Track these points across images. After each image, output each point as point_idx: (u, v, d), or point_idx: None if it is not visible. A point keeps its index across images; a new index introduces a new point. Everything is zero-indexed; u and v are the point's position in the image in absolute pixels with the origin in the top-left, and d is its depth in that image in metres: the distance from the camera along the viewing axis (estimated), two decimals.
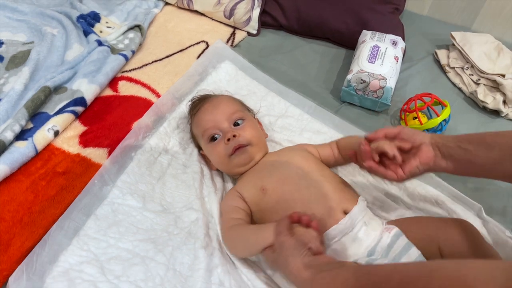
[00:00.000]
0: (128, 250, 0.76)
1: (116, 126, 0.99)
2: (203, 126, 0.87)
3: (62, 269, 0.72)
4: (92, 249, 0.75)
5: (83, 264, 0.73)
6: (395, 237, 0.71)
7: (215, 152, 0.85)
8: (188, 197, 0.85)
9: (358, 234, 0.73)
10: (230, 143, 0.83)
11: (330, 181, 0.79)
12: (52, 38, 1.19)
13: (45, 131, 0.93)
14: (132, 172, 0.87)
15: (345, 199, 0.76)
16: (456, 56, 1.28)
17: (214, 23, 1.36)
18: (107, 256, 0.75)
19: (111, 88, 1.10)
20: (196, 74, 1.12)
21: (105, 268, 0.73)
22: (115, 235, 0.78)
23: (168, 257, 0.76)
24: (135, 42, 1.21)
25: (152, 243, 0.77)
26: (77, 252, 0.74)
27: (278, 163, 0.83)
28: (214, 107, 0.89)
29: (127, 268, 0.73)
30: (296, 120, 1.06)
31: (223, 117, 0.86)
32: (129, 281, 0.72)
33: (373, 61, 1.12)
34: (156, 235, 0.79)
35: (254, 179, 0.82)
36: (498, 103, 1.13)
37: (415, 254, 0.69)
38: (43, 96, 0.99)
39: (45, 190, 0.85)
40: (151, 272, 0.73)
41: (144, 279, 0.72)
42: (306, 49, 1.33)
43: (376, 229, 0.74)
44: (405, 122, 1.06)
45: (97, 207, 0.81)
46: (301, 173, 0.80)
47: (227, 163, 0.84)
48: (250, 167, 0.85)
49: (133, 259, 0.75)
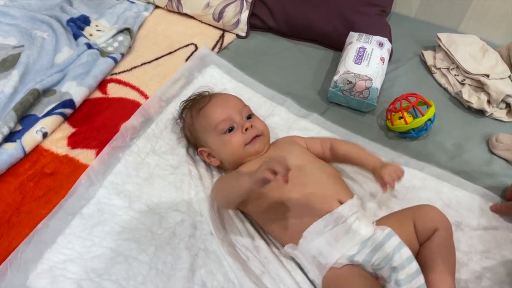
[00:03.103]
0: (111, 249, 0.77)
1: (104, 127, 1.00)
2: (216, 118, 0.88)
3: (46, 267, 0.73)
4: (76, 248, 0.76)
5: (66, 262, 0.74)
6: (388, 236, 0.73)
7: (231, 142, 0.86)
8: (175, 199, 0.86)
9: (352, 226, 0.75)
10: (249, 132, 0.87)
11: (327, 173, 0.84)
12: (42, 42, 1.20)
13: (33, 133, 0.94)
14: (119, 173, 0.88)
15: (341, 191, 0.81)
16: (442, 57, 1.29)
17: (203, 26, 1.37)
18: (91, 255, 0.76)
19: (100, 90, 1.11)
20: (182, 78, 1.13)
21: (88, 267, 0.74)
22: (100, 234, 0.79)
23: (151, 256, 0.77)
24: (125, 45, 1.22)
25: (136, 242, 0.78)
26: (61, 250, 0.75)
27: (280, 154, 0.84)
28: (225, 101, 0.92)
29: (110, 266, 0.74)
30: (282, 119, 1.08)
31: (236, 110, 0.89)
32: (111, 280, 0.73)
33: (359, 62, 1.14)
34: (140, 235, 0.80)
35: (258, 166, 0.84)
36: (483, 103, 1.15)
37: (407, 253, 0.70)
38: (32, 99, 1.00)
39: (33, 191, 0.86)
40: (134, 271, 0.74)
41: (126, 277, 0.73)
42: (294, 51, 1.34)
43: (369, 226, 0.76)
44: (391, 122, 1.08)
45: (83, 206, 0.82)
46: (300, 163, 0.83)
47: (241, 152, 0.87)
48: (258, 157, 0.88)
49: (116, 258, 0.76)
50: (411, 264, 0.69)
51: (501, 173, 1.02)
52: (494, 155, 1.06)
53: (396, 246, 0.71)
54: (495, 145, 1.06)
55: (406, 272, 0.69)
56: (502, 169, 1.03)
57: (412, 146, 1.07)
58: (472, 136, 1.11)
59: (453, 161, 1.04)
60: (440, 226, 0.76)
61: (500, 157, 1.05)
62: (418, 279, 0.70)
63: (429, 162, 1.00)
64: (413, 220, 0.77)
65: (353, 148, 0.92)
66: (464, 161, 1.04)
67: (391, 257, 0.70)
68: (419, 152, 1.05)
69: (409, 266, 0.69)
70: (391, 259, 0.70)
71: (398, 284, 0.70)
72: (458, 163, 1.03)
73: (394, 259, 0.69)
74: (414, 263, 0.70)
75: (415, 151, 1.05)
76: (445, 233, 0.76)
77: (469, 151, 1.07)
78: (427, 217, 0.77)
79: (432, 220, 0.76)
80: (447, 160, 1.04)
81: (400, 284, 0.70)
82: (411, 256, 0.70)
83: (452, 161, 1.04)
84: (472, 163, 1.04)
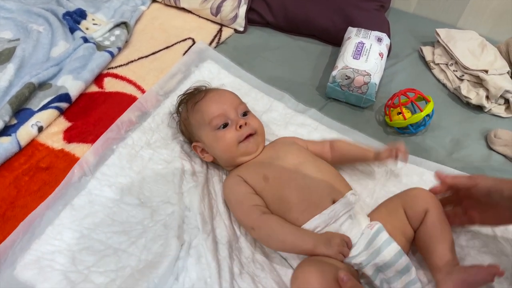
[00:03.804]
0: (101, 242, 0.76)
1: (100, 122, 0.99)
2: (211, 113, 0.86)
3: (34, 257, 0.72)
4: (65, 239, 0.75)
5: (55, 253, 0.73)
6: (376, 233, 0.72)
7: (225, 138, 0.85)
8: (166, 192, 0.85)
9: (341, 227, 0.74)
10: (243, 130, 0.85)
11: (324, 172, 0.82)
12: (38, 35, 1.19)
13: (28, 127, 0.93)
14: (112, 165, 0.87)
15: (336, 190, 0.79)
16: (440, 52, 1.29)
17: (201, 20, 1.36)
18: (80, 247, 0.75)
19: (97, 84, 1.10)
20: (179, 73, 1.12)
21: (76, 259, 0.73)
22: (90, 226, 0.78)
23: (141, 248, 0.76)
24: (121, 39, 1.21)
25: (126, 235, 0.77)
26: (50, 241, 0.75)
27: (276, 156, 0.85)
28: (221, 96, 0.91)
29: (99, 259, 0.74)
30: (280, 114, 1.07)
31: (231, 107, 0.88)
32: (99, 272, 0.72)
33: (358, 57, 1.13)
34: (131, 228, 0.79)
35: (255, 168, 0.84)
36: (481, 99, 1.14)
37: (395, 249, 0.69)
38: (27, 92, 1.00)
39: (28, 185, 0.86)
40: (123, 263, 0.73)
41: (115, 269, 0.72)
42: (292, 46, 1.33)
43: (361, 224, 0.75)
44: (390, 118, 1.07)
45: (74, 197, 0.81)
46: (297, 164, 0.82)
47: (234, 150, 0.85)
48: (252, 157, 0.86)
49: (106, 251, 0.75)
50: (400, 260, 0.69)
51: (499, 169, 1.01)
52: (492, 151, 1.06)
53: (383, 242, 0.70)
54: (493, 141, 1.06)
55: (395, 269, 0.69)
56: (500, 164, 1.03)
57: (411, 141, 1.06)
58: (471, 132, 1.11)
59: (451, 157, 1.03)
60: (429, 207, 0.75)
61: (499, 153, 1.05)
62: (408, 275, 0.69)
63: (427, 158, 1.00)
64: (403, 208, 0.77)
65: (353, 144, 0.92)
66: (462, 156, 1.04)
67: (378, 253, 0.69)
68: (417, 147, 1.05)
69: (398, 263, 0.69)
70: (378, 254, 0.69)
71: (388, 282, 0.70)
72: (456, 159, 1.03)
73: (382, 254, 0.69)
74: (403, 258, 0.69)
75: (414, 146, 1.04)
76: (436, 212, 0.75)
77: (467, 147, 1.06)
78: (416, 201, 0.76)
79: (421, 203, 0.76)
80: (445, 156, 1.03)
81: (389, 281, 0.69)
82: (400, 251, 0.69)
83: (450, 156, 1.03)
84: (471, 159, 1.03)
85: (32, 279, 0.70)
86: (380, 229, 0.72)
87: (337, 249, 0.70)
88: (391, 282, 0.69)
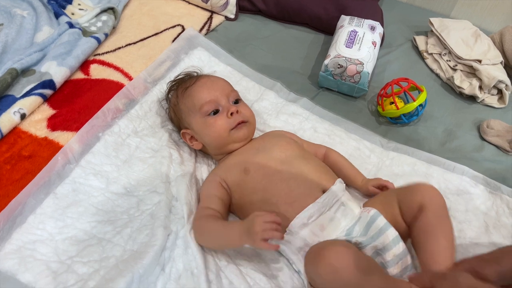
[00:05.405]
0: (85, 231, 0.74)
1: (86, 109, 0.96)
2: (202, 99, 0.85)
3: (15, 247, 0.70)
4: (47, 228, 0.73)
5: (36, 242, 0.71)
6: (373, 217, 0.72)
7: (215, 125, 0.83)
8: (153, 181, 0.83)
9: (336, 214, 0.74)
10: (234, 117, 0.84)
11: (311, 163, 0.82)
12: (22, 20, 1.15)
13: (11, 114, 0.90)
14: (98, 153, 0.85)
15: (325, 180, 0.79)
16: (434, 42, 1.28)
17: (190, 6, 1.33)
18: (63, 236, 0.73)
19: (83, 71, 1.06)
20: (168, 60, 1.09)
21: (59, 248, 0.71)
22: (73, 215, 0.76)
23: (126, 239, 0.74)
24: (108, 25, 1.17)
25: (111, 225, 0.76)
26: (31, 231, 0.72)
27: (263, 147, 0.84)
28: (212, 82, 0.89)
29: (82, 249, 0.72)
30: (271, 103, 1.05)
31: (223, 93, 0.86)
32: (82, 262, 0.70)
33: (351, 46, 1.11)
34: (116, 217, 0.77)
35: (238, 161, 0.83)
36: (474, 89, 1.13)
37: (393, 234, 0.69)
38: (10, 79, 0.96)
39: (9, 174, 0.83)
40: (107, 253, 0.71)
41: (98, 260, 0.70)
42: (284, 35, 1.31)
43: (354, 210, 0.76)
44: (382, 107, 1.06)
45: (58, 185, 0.79)
46: (284, 156, 0.81)
47: (226, 137, 0.84)
48: (242, 145, 0.86)
49: (90, 241, 0.73)
50: (398, 245, 0.68)
51: (491, 159, 1.01)
52: (485, 141, 1.05)
53: (382, 227, 0.70)
54: (486, 131, 1.05)
55: (393, 252, 0.68)
56: (492, 155, 1.02)
57: (403, 131, 1.05)
58: (463, 122, 1.10)
59: (444, 147, 1.03)
60: (426, 202, 0.71)
61: (491, 143, 1.04)
62: (405, 260, 0.69)
63: (419, 148, 0.99)
64: (398, 201, 0.75)
65: (346, 160, 0.90)
66: (455, 147, 1.03)
67: (377, 238, 0.69)
68: (409, 137, 1.04)
69: (395, 247, 0.68)
70: (376, 239, 0.69)
71: (385, 266, 0.69)
72: (449, 149, 1.02)
73: (379, 239, 0.69)
74: (401, 243, 0.69)
75: (406, 136, 1.04)
76: (433, 209, 0.70)
77: (460, 137, 1.05)
78: (411, 195, 0.73)
79: (417, 198, 0.72)
80: (438, 146, 1.03)
81: (387, 265, 0.69)
82: (397, 237, 0.69)
83: (443, 147, 1.03)
84: (463, 149, 1.03)
85: (12, 268, 0.68)
86: (376, 214, 0.72)
87: (260, 236, 0.64)
88: (388, 267, 0.69)
